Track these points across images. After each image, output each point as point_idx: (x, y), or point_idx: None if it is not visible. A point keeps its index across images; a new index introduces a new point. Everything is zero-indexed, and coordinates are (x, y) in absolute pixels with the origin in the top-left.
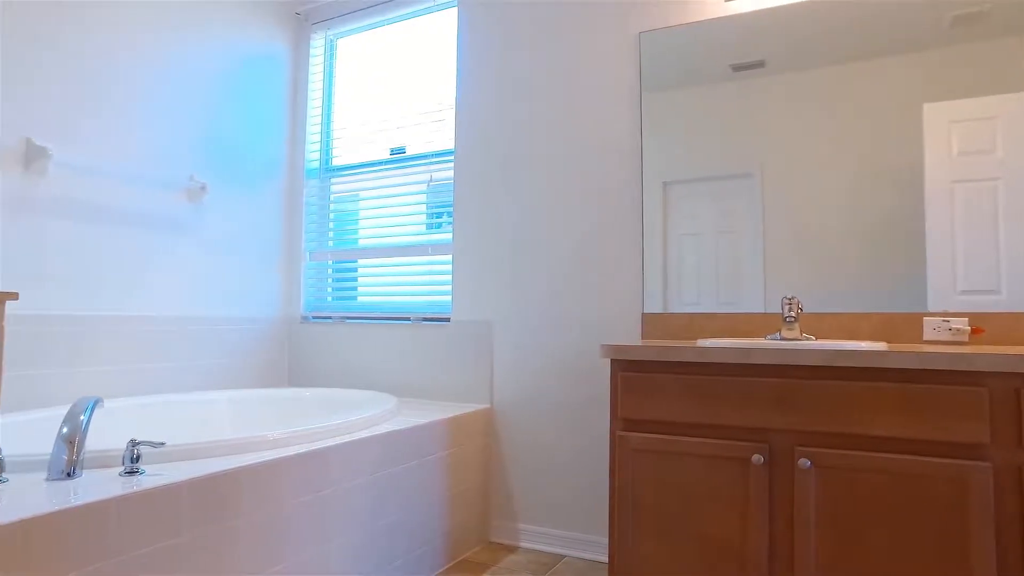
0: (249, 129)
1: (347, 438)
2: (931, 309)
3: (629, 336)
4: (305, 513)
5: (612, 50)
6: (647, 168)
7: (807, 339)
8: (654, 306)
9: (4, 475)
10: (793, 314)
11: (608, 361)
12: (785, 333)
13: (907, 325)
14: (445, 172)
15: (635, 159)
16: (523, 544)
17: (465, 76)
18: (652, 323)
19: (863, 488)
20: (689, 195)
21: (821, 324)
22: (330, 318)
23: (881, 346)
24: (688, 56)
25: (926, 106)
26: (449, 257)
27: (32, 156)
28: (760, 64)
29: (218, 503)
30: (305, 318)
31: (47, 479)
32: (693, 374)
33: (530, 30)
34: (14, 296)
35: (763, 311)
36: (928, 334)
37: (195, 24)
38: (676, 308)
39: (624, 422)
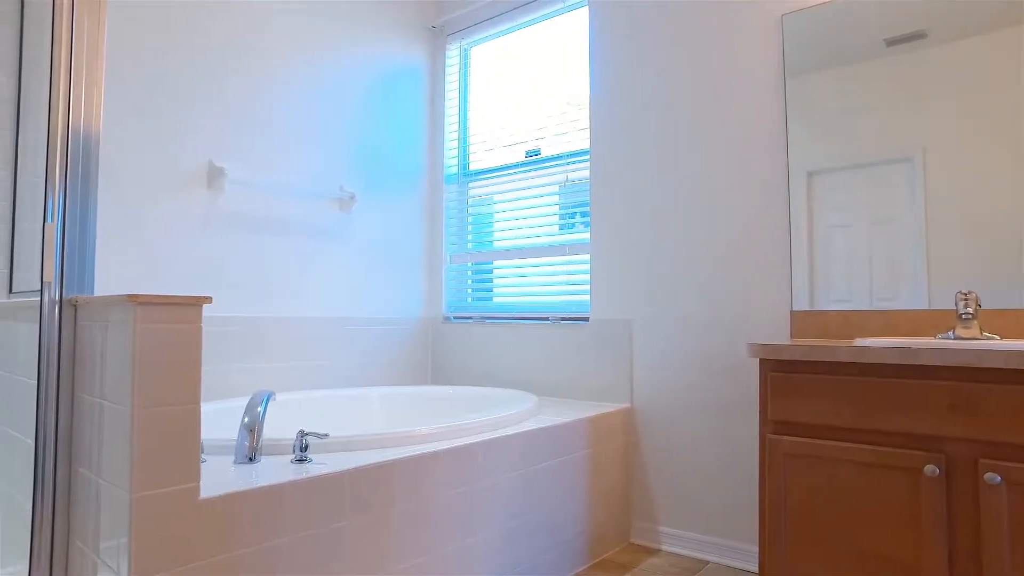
0: (392, 140)
1: (492, 435)
2: None
3: (776, 335)
4: (452, 506)
5: (752, 36)
6: (791, 157)
7: (989, 338)
8: (802, 303)
9: (204, 456)
10: (971, 310)
11: (755, 361)
12: (961, 331)
13: None
14: (581, 172)
15: (779, 148)
16: (664, 547)
17: (598, 74)
18: (801, 321)
19: None
20: (837, 184)
21: (1002, 321)
22: (470, 318)
23: None
24: (835, 35)
25: None
26: (586, 256)
27: (212, 176)
28: (920, 35)
29: (375, 492)
30: (447, 318)
31: (234, 462)
32: (852, 375)
33: (664, 23)
34: (208, 300)
35: (927, 307)
36: None
37: (342, 46)
38: (824, 305)
39: (774, 424)
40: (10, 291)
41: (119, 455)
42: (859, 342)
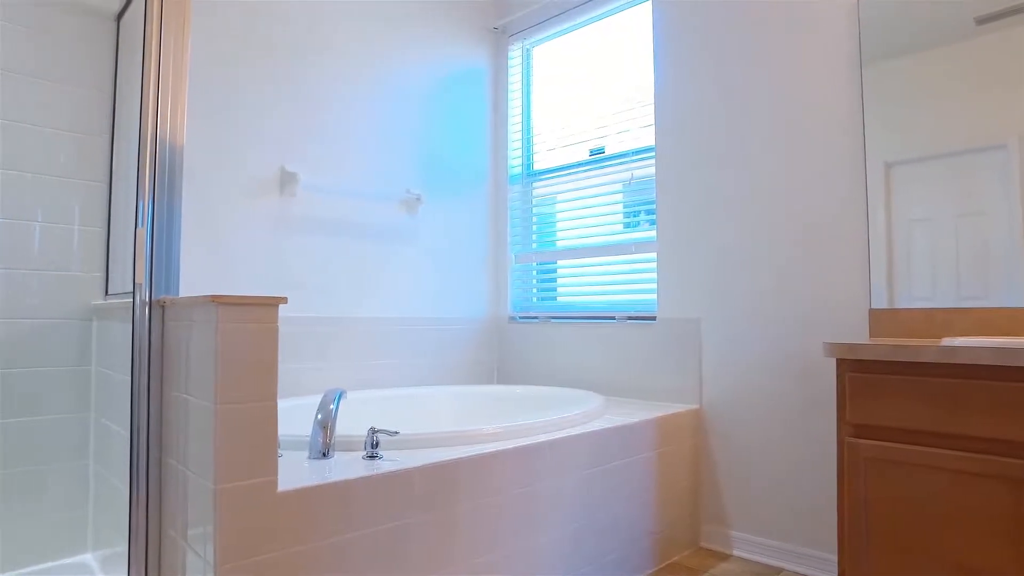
0: (456, 141)
1: (559, 434)
2: None
3: (853, 333)
4: (519, 505)
5: (825, 22)
6: (868, 148)
7: None
8: (880, 301)
9: (281, 451)
10: None
11: (831, 361)
12: None
13: None
14: (646, 169)
15: (855, 139)
16: (736, 552)
17: (663, 69)
18: (881, 320)
19: None
20: (918, 176)
21: None
22: (536, 318)
23: None
24: (916, 16)
25: None
26: (652, 255)
27: (285, 181)
28: (1017, 10)
29: (443, 489)
30: (513, 318)
31: (308, 457)
32: (940, 377)
33: (730, 11)
34: (284, 300)
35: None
36: None
37: (407, 50)
38: (904, 303)
39: (854, 428)
40: (106, 293)
41: (203, 448)
42: (947, 342)
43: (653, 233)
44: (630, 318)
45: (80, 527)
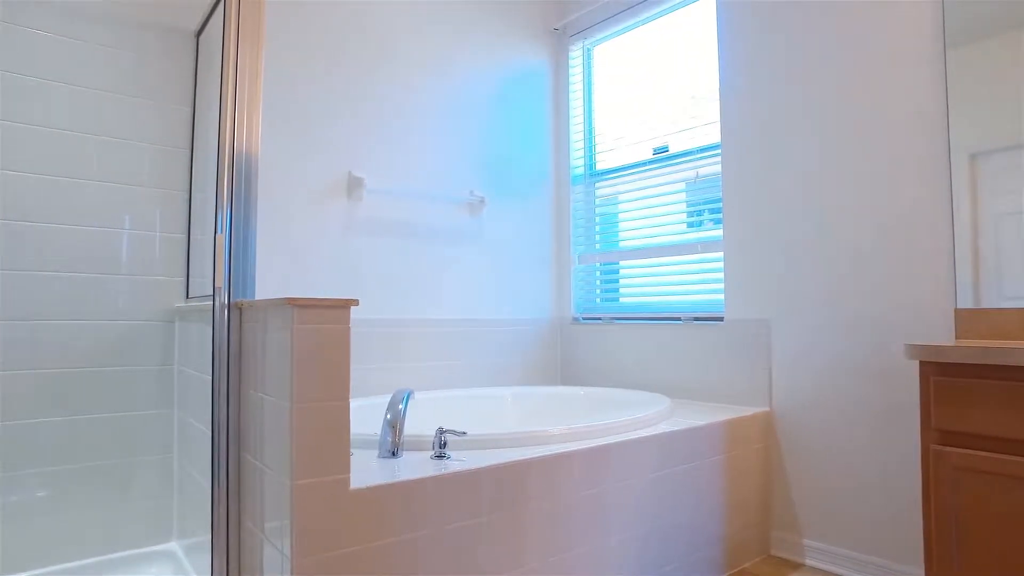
0: (518, 143)
1: (626, 436)
2: None
3: (934, 334)
4: (586, 507)
5: (903, 7)
6: (953, 137)
7: None
8: (966, 300)
9: (352, 450)
10: None
11: (911, 363)
12: None
13: None
14: (711, 167)
15: (937, 129)
16: (808, 562)
17: (728, 63)
18: (968, 320)
19: None
20: (1008, 166)
21: None
22: (600, 319)
23: None
24: None
25: None
26: (718, 254)
27: (352, 186)
28: None
29: (511, 490)
30: (576, 319)
31: (378, 456)
32: None
33: (799, 3)
34: (355, 302)
35: None
36: None
37: (469, 54)
38: (993, 303)
39: (940, 434)
40: (186, 296)
41: (280, 446)
42: None
43: (719, 232)
44: (696, 319)
45: (166, 517)
